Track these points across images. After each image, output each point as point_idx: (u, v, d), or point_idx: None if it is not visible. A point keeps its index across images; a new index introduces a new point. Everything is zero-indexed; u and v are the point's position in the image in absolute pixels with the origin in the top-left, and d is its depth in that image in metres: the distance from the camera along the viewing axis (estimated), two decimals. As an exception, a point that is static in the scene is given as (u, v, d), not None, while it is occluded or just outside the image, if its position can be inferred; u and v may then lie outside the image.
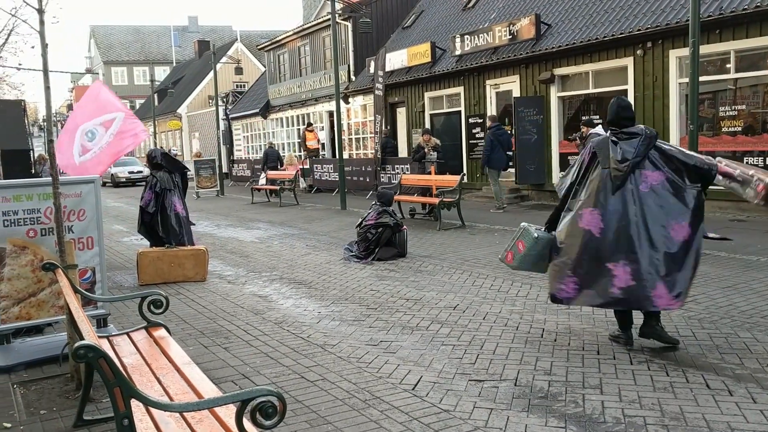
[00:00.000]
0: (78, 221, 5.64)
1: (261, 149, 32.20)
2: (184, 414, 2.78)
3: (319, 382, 4.69)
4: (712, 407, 4.02)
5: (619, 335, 5.31)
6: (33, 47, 20.38)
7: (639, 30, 13.16)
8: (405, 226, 9.90)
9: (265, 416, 2.40)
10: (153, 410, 2.78)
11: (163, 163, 9.38)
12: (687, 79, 12.42)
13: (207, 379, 3.26)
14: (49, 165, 5.00)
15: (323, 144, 25.87)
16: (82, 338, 4.00)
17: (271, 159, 23.31)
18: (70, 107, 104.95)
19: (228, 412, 2.78)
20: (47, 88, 4.69)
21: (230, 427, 2.65)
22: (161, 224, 9.04)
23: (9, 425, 4.15)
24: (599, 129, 10.77)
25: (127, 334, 4.14)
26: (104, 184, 34.74)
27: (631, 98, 13.73)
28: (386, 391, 4.47)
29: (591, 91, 14.99)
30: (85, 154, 8.09)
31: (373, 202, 10.17)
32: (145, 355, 3.73)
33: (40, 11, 4.50)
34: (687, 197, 4.88)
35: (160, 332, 4.12)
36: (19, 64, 20.81)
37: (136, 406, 2.58)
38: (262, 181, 22.34)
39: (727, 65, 12.31)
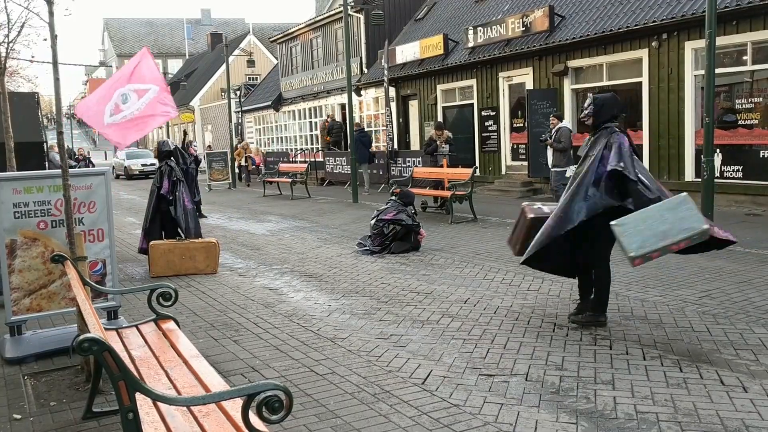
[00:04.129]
0: (88, 213, 5.64)
1: (273, 142, 32.25)
2: (191, 407, 2.76)
3: (328, 376, 4.67)
4: (726, 404, 3.96)
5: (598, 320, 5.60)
6: (45, 39, 20.40)
7: (654, 22, 13.00)
8: (422, 232, 9.69)
9: (272, 411, 2.38)
10: (160, 404, 2.76)
11: (175, 152, 9.57)
12: (703, 72, 12.28)
13: (215, 372, 3.24)
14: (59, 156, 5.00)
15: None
16: (88, 331, 4.01)
17: None
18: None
19: (235, 406, 2.75)
20: (56, 80, 4.68)
21: (237, 422, 2.63)
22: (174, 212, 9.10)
23: (19, 417, 4.16)
24: (567, 123, 12.18)
25: (136, 326, 4.13)
26: (118, 177, 34.97)
27: (645, 91, 13.63)
28: (396, 385, 4.44)
29: (605, 83, 14.83)
30: (115, 115, 8.09)
31: (392, 197, 10.08)
32: (154, 347, 3.72)
33: (49, 2, 4.49)
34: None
35: (169, 325, 4.10)
36: (32, 57, 20.89)
37: (143, 399, 2.57)
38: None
39: (744, 57, 12.14)
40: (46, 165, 16.61)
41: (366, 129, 24.39)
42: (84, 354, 2.16)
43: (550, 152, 12.19)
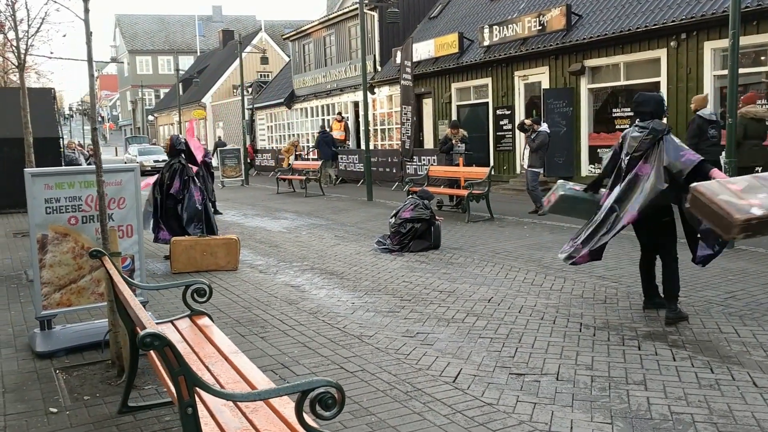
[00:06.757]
0: (118, 209, 5.68)
1: (285, 139, 32.31)
2: (238, 403, 2.78)
3: (359, 373, 4.68)
4: (761, 405, 3.96)
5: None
6: (65, 35, 20.62)
7: (673, 21, 12.96)
8: (440, 218, 9.94)
9: (325, 407, 2.39)
10: (207, 399, 2.78)
11: (184, 151, 9.59)
12: (722, 72, 12.24)
13: (256, 368, 3.26)
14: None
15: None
16: (127, 325, 4.04)
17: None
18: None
19: (282, 402, 2.77)
20: (91, 76, 4.71)
21: (286, 417, 2.65)
22: (186, 210, 9.19)
23: (55, 410, 4.19)
24: (545, 127, 12.86)
25: (171, 322, 4.15)
26: (130, 173, 35.05)
27: (663, 91, 13.58)
28: (427, 383, 4.46)
29: (622, 83, 14.81)
30: None
31: (409, 196, 10.18)
32: (192, 343, 3.75)
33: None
34: (650, 190, 5.38)
35: (204, 320, 4.13)
36: (51, 53, 21.03)
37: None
38: None
39: (762, 57, 12.08)
40: (62, 162, 16.72)
41: (383, 127, 24.53)
42: (145, 349, 2.18)
43: (526, 154, 13.05)
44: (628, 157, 5.64)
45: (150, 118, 59.78)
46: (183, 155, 9.47)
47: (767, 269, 7.47)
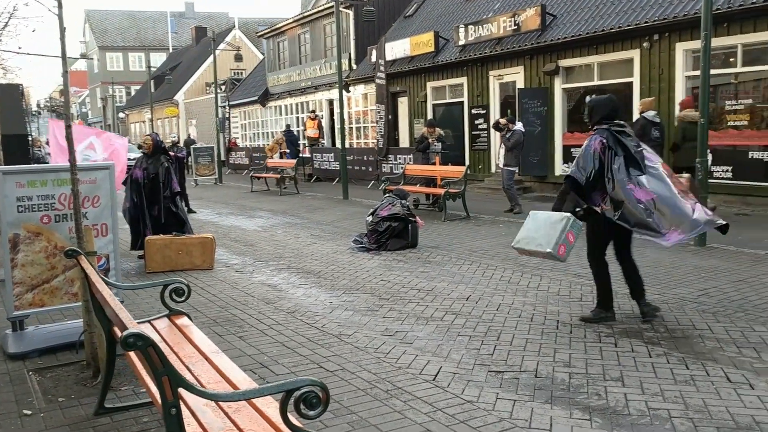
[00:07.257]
0: (92, 208, 5.60)
1: (259, 137, 32.12)
2: (220, 403, 2.76)
3: (338, 372, 4.67)
4: (735, 401, 4.02)
5: (601, 317, 5.71)
6: (34, 30, 20.27)
7: (646, 22, 13.12)
8: (419, 220, 9.95)
9: (309, 406, 2.38)
10: (188, 399, 2.75)
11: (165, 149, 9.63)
12: (694, 72, 12.45)
13: (237, 368, 3.24)
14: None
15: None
16: (103, 326, 3.98)
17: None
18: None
19: (265, 402, 2.76)
20: (66, 73, 4.63)
21: (269, 417, 2.64)
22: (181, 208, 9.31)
23: (29, 412, 4.12)
24: (520, 126, 13.03)
25: (149, 322, 4.10)
26: (101, 171, 34.49)
27: (636, 91, 13.76)
28: (407, 382, 4.46)
29: (596, 83, 14.95)
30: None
31: (386, 195, 10.21)
32: (171, 343, 3.70)
33: (60, -7, 4.44)
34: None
35: (183, 320, 4.09)
36: (19, 48, 20.63)
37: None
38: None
39: (731, 59, 12.29)
40: (31, 160, 16.43)
41: (359, 125, 24.50)
42: (128, 349, 2.15)
43: (502, 153, 13.20)
44: (641, 150, 5.55)
45: (121, 115, 58.95)
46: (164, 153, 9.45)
47: (738, 266, 7.61)
